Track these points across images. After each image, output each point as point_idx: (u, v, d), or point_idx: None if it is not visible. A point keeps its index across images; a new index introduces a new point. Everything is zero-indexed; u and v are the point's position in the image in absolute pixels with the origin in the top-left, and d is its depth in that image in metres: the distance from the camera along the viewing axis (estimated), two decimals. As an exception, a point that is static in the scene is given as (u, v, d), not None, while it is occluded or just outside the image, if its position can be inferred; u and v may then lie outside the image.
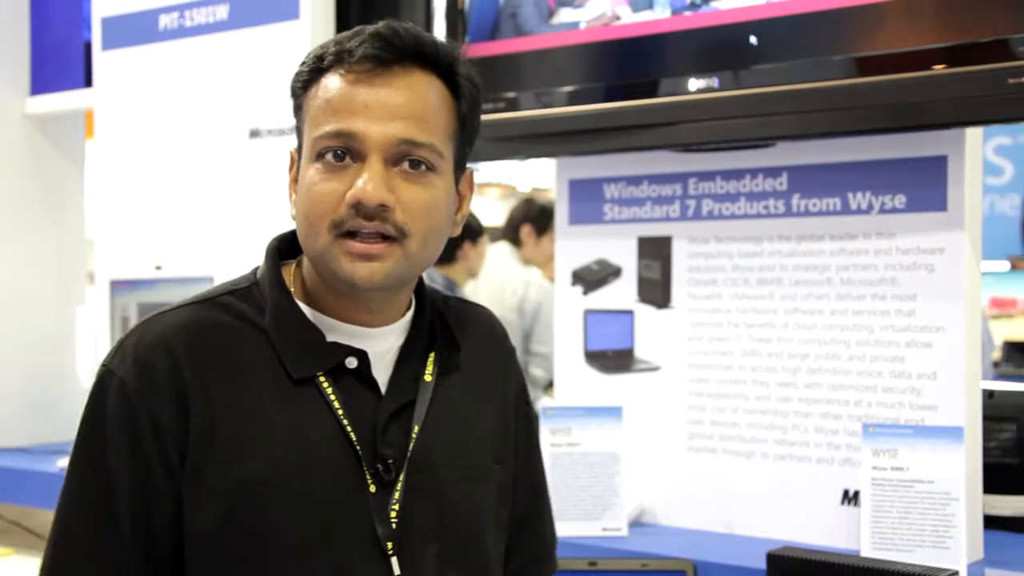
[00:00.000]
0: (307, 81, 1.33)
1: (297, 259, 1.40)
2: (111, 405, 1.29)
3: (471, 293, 4.84)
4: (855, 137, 1.96)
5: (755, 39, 1.97)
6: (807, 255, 2.05)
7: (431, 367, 1.40)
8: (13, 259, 3.27)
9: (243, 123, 2.78)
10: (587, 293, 2.30)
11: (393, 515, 1.31)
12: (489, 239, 5.18)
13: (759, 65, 1.97)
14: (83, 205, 3.53)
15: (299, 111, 1.35)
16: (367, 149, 1.28)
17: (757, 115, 1.97)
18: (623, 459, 2.12)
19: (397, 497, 1.32)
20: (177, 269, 2.87)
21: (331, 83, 1.30)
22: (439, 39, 1.35)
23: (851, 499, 1.98)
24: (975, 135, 1.92)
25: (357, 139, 1.28)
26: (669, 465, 2.19)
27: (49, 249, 3.35)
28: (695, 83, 2.03)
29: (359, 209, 1.26)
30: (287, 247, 1.41)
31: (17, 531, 3.09)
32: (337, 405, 1.32)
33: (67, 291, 3.38)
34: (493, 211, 10.04)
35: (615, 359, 2.27)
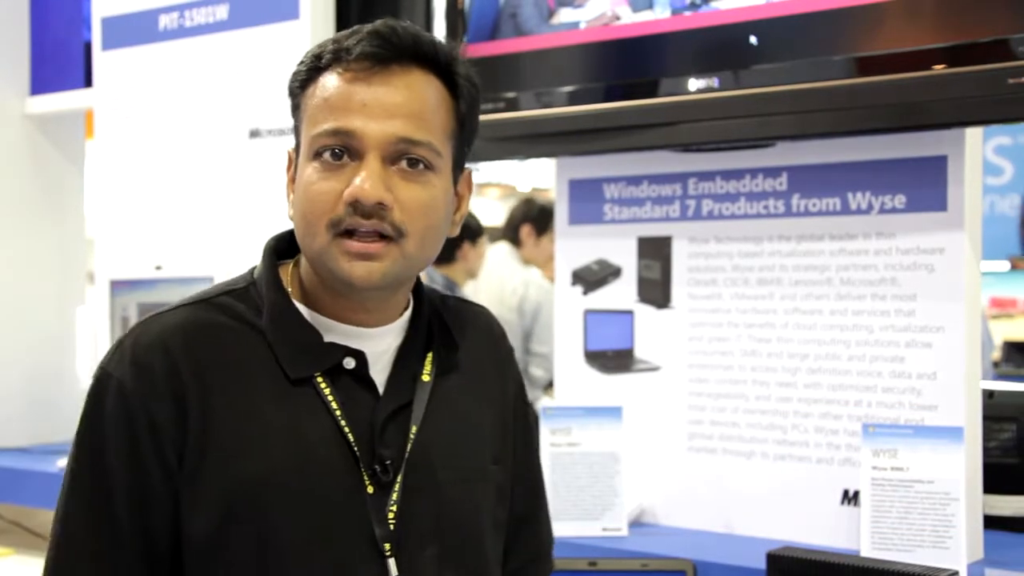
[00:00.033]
0: (305, 80, 1.33)
1: (295, 259, 1.39)
2: (109, 406, 1.28)
3: (471, 293, 4.84)
4: (855, 137, 1.96)
5: (755, 39, 1.97)
6: (807, 255, 2.05)
7: (429, 367, 1.39)
8: (13, 259, 3.27)
9: (243, 123, 2.77)
10: (587, 293, 2.30)
11: (391, 516, 1.31)
12: (489, 239, 5.18)
13: (759, 65, 1.97)
14: (83, 205, 3.53)
15: (297, 110, 1.35)
16: (365, 147, 1.27)
17: (757, 115, 1.97)
18: (623, 459, 2.12)
19: (395, 498, 1.31)
20: (177, 269, 2.87)
21: (329, 82, 1.29)
22: (438, 38, 1.35)
23: (851, 499, 1.98)
24: (975, 135, 1.92)
25: (355, 137, 1.27)
26: (669, 465, 2.19)
27: (49, 249, 3.35)
28: (695, 83, 2.03)
29: (356, 207, 1.26)
30: (284, 247, 1.40)
31: (17, 531, 3.09)
32: (335, 406, 1.31)
33: (67, 291, 3.38)
34: (493, 211, 10.04)
35: (615, 359, 2.27)
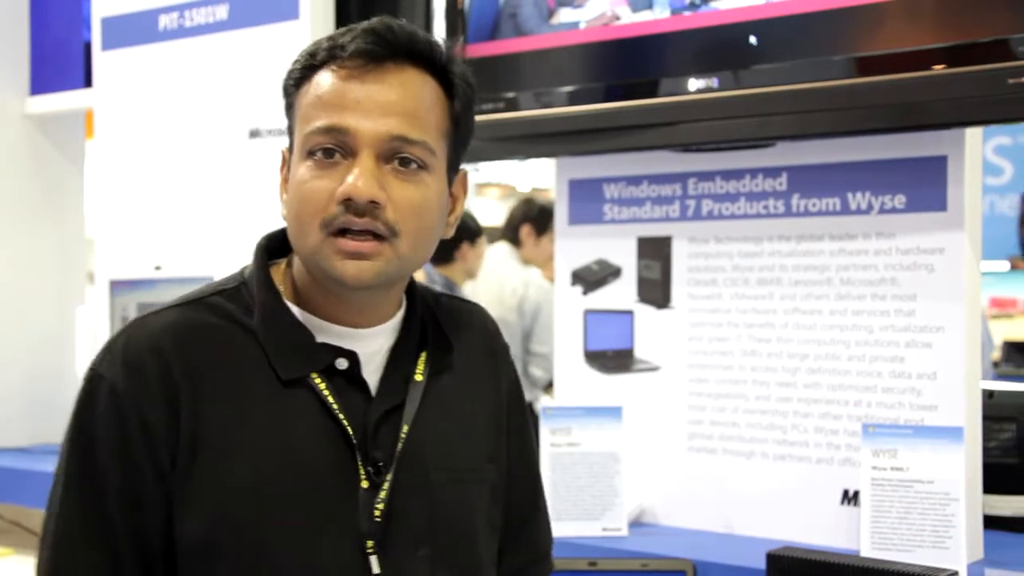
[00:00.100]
0: (299, 78, 1.32)
1: (287, 258, 1.38)
2: (101, 407, 1.27)
3: (471, 293, 4.85)
4: (855, 137, 1.96)
5: (755, 39, 1.97)
6: (807, 255, 2.05)
7: (422, 367, 1.38)
8: (13, 259, 3.26)
9: (243, 123, 2.77)
10: (587, 293, 2.30)
11: (376, 514, 1.30)
12: (487, 239, 5.19)
13: (759, 65, 1.97)
14: (83, 205, 3.53)
15: (291, 109, 1.34)
16: (358, 145, 1.26)
17: (757, 115, 1.97)
18: (623, 459, 2.11)
19: (382, 496, 1.30)
20: (177, 269, 2.87)
21: (323, 79, 1.29)
22: (434, 37, 1.34)
23: (851, 499, 1.98)
24: (975, 135, 1.92)
25: (348, 135, 1.26)
26: (669, 465, 2.19)
27: (49, 249, 3.35)
28: (695, 83, 2.03)
29: (349, 206, 1.25)
30: (277, 246, 1.39)
31: (17, 531, 3.09)
32: (332, 401, 1.30)
33: (67, 291, 3.38)
34: (493, 211, 10.05)
35: (615, 359, 2.27)
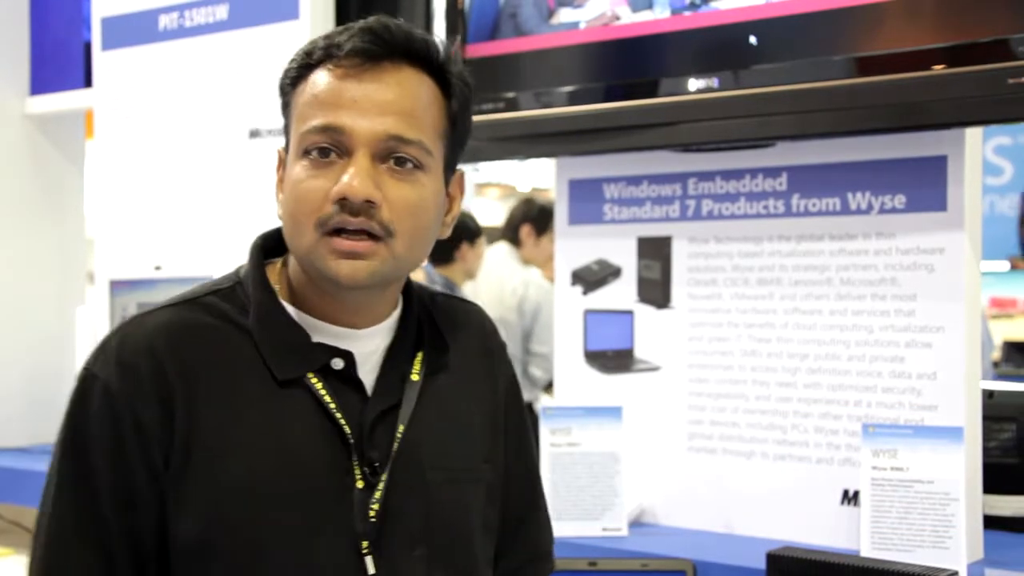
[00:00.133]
0: (296, 78, 1.31)
1: (283, 258, 1.37)
2: (94, 406, 1.27)
3: (471, 293, 4.85)
4: (855, 137, 1.96)
5: (755, 39, 1.97)
6: (807, 255, 2.05)
7: (418, 367, 1.38)
8: (13, 259, 3.26)
9: (243, 123, 2.77)
10: (587, 293, 2.30)
11: (372, 514, 1.29)
12: (487, 239, 5.19)
13: (759, 65, 1.97)
14: (83, 205, 3.53)
15: (287, 108, 1.34)
16: (354, 144, 1.26)
17: (757, 115, 1.97)
18: (623, 459, 2.11)
19: (377, 496, 1.30)
20: (177, 269, 2.87)
21: (319, 78, 1.28)
22: (431, 37, 1.33)
23: (851, 499, 1.98)
24: (975, 135, 1.92)
25: (344, 134, 1.25)
26: (669, 465, 2.19)
27: (49, 249, 3.35)
28: (695, 83, 2.03)
29: (344, 205, 1.24)
30: (272, 245, 1.38)
31: (17, 531, 3.09)
32: (329, 400, 1.29)
33: (67, 291, 3.37)
34: (493, 211, 10.05)
35: (615, 359, 2.27)
